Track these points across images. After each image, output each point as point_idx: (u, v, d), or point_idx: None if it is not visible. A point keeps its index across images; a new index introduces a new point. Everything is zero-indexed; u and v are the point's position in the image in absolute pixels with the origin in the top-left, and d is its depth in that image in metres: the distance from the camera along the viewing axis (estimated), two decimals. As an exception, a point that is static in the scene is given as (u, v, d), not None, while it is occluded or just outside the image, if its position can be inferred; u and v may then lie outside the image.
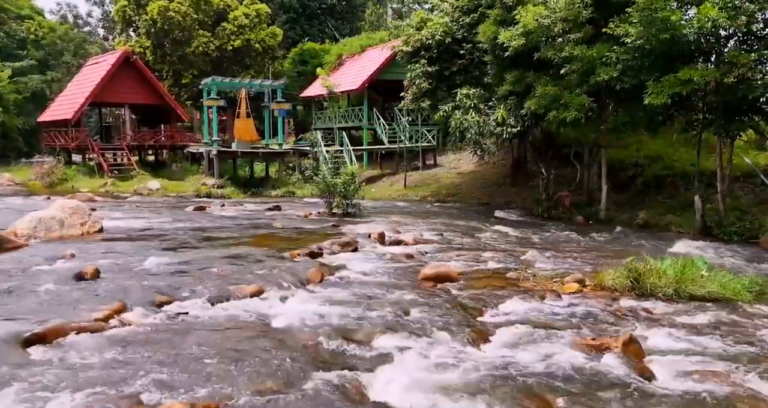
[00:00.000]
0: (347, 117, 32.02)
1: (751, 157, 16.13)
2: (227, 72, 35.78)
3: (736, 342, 6.47)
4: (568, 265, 10.39)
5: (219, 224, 15.12)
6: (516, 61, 16.72)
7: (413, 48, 22.60)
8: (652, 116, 14.50)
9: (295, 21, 45.40)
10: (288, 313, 7.15)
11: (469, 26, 20.83)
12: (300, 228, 14.63)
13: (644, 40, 13.26)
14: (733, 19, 12.42)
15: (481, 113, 18.19)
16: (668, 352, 6.21)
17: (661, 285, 8.20)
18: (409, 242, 12.28)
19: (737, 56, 12.70)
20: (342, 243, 11.48)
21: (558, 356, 5.97)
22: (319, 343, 6.15)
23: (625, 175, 18.05)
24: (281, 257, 10.36)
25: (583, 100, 14.97)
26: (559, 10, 15.08)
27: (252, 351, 5.83)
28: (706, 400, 5.12)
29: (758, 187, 15.07)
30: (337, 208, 17.64)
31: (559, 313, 7.47)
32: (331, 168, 21.24)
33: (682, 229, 14.31)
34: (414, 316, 7.21)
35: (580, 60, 14.75)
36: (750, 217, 13.50)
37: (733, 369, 5.74)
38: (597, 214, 16.59)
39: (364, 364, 5.68)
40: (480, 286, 8.77)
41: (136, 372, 5.20)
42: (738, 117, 13.52)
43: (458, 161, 26.67)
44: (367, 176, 27.21)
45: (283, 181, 28.85)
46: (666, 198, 16.37)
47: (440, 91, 21.99)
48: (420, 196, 23.37)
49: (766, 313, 7.63)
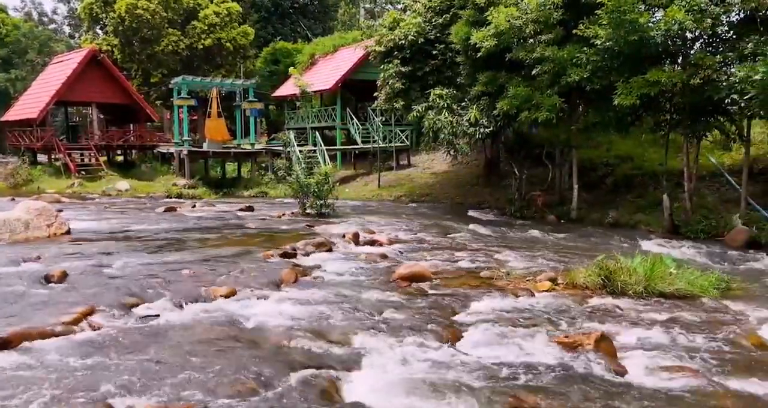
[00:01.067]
0: (320, 117, 31.90)
1: (717, 157, 16.51)
2: (198, 71, 35.35)
3: (704, 337, 6.61)
4: (540, 263, 10.50)
5: (190, 225, 14.91)
6: (488, 61, 16.83)
7: (386, 48, 22.61)
8: (621, 117, 14.74)
9: (267, 20, 45.06)
10: (261, 314, 7.07)
11: (442, 27, 20.91)
12: (273, 228, 14.51)
13: (613, 42, 13.47)
14: (698, 22, 12.69)
15: (454, 113, 18.27)
16: (639, 348, 6.31)
17: (631, 283, 8.33)
18: (383, 242, 12.28)
19: (703, 58, 12.98)
20: (316, 243, 11.41)
21: (532, 354, 6.02)
22: (293, 344, 6.10)
23: (595, 174, 18.32)
24: (254, 258, 10.25)
25: (555, 100, 15.15)
26: (531, 12, 15.23)
27: (225, 353, 5.76)
28: (676, 395, 5.21)
29: (723, 186, 15.44)
30: (310, 208, 17.54)
31: (532, 311, 7.53)
32: (305, 168, 21.09)
33: (651, 227, 14.58)
34: (389, 315, 7.20)
35: (551, 61, 14.92)
36: (716, 216, 13.81)
37: (702, 364, 5.86)
38: (569, 213, 16.80)
39: (339, 364, 5.65)
40: (454, 285, 8.81)
41: (106, 376, 5.09)
42: (704, 118, 13.82)
43: (432, 161, 26.76)
44: (341, 176, 27.13)
45: (256, 181, 28.60)
46: (635, 197, 16.65)
47: (413, 91, 22.03)
48: (394, 196, 23.39)
49: (731, 308, 7.81)
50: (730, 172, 15.32)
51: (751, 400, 5.15)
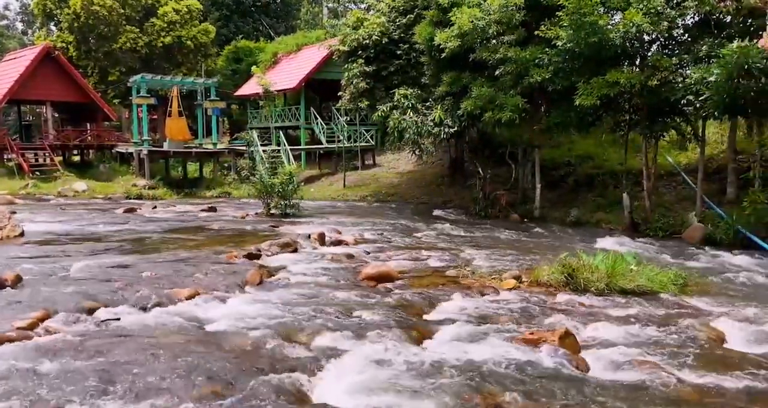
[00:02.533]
0: (284, 116, 31.63)
1: (674, 156, 16.97)
2: (158, 69, 34.62)
3: (664, 332, 6.76)
4: (505, 262, 10.60)
5: (151, 226, 14.59)
6: (452, 62, 16.94)
7: (350, 47, 22.56)
8: (582, 117, 15.01)
9: (228, 18, 44.45)
10: (226, 316, 6.96)
11: (406, 27, 20.98)
12: (237, 229, 14.32)
13: (574, 43, 13.71)
14: (655, 25, 13.03)
15: (418, 113, 18.33)
16: (602, 343, 6.43)
17: (593, 280, 8.48)
18: (349, 242, 12.23)
19: (659, 60, 13.33)
20: (281, 244, 11.30)
21: (497, 351, 6.07)
22: (259, 347, 6.01)
23: (557, 174, 18.62)
24: (218, 259, 10.10)
25: (517, 101, 15.33)
26: (493, 13, 15.38)
27: (188, 357, 5.63)
28: (637, 389, 5.32)
29: (680, 185, 15.87)
30: (275, 208, 17.37)
31: (497, 309, 7.60)
32: (268, 168, 20.90)
33: (612, 225, 14.90)
34: (355, 316, 7.17)
35: (513, 62, 15.10)
36: (673, 214, 14.20)
37: (662, 358, 5.99)
38: (532, 212, 17.04)
39: (306, 366, 5.60)
40: (421, 284, 8.83)
41: (64, 382, 4.92)
42: (661, 118, 14.18)
43: (397, 161, 26.81)
44: (306, 176, 26.97)
45: (219, 181, 28.22)
46: (596, 196, 16.99)
47: (378, 91, 22.04)
48: (359, 195, 23.35)
49: (690, 304, 8.02)
50: (687, 171, 15.77)
51: (709, 392, 5.29)
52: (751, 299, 8.37)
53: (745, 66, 10.82)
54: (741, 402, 5.10)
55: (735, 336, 6.76)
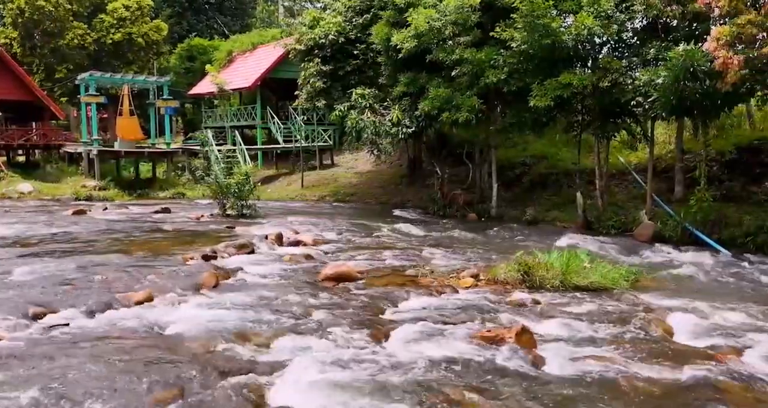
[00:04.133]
0: (240, 115, 31.20)
1: (624, 156, 17.44)
2: (107, 67, 33.62)
3: (617, 327, 6.95)
4: (463, 260, 10.72)
5: (102, 228, 14.17)
6: (409, 62, 17.01)
7: (306, 47, 22.41)
8: (536, 118, 15.28)
9: (181, 15, 43.56)
10: (181, 320, 6.83)
11: (363, 27, 20.95)
12: (192, 231, 14.06)
13: (528, 45, 13.95)
14: (606, 28, 13.38)
15: (376, 113, 18.34)
16: (557, 339, 6.56)
17: (549, 277, 8.67)
18: (308, 243, 12.15)
19: (610, 62, 13.69)
20: (237, 245, 11.15)
21: (456, 349, 6.13)
22: (215, 350, 5.92)
23: (513, 173, 18.91)
24: (172, 262, 9.91)
25: (474, 101, 15.51)
26: (449, 14, 15.51)
27: (142, 362, 5.49)
28: (591, 384, 5.45)
29: (631, 183, 16.33)
30: (231, 209, 17.11)
31: (456, 308, 7.67)
32: (224, 168, 20.57)
33: (566, 223, 15.21)
34: (314, 317, 7.13)
35: (469, 63, 15.26)
36: (625, 212, 14.59)
37: (615, 353, 6.15)
38: (489, 211, 17.26)
39: (264, 368, 5.55)
40: (380, 284, 8.84)
41: (10, 391, 4.71)
42: (612, 119, 14.56)
43: (356, 161, 26.76)
44: (263, 176, 26.66)
45: (172, 182, 27.64)
46: (551, 195, 17.33)
47: (335, 90, 21.96)
48: (318, 195, 23.21)
49: (641, 299, 8.26)
50: (637, 170, 16.22)
51: (661, 385, 5.45)
52: (697, 294, 8.68)
53: (690, 69, 11.21)
54: (689, 393, 5.28)
55: (683, 330, 6.99)
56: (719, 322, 7.24)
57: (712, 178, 13.96)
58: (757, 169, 14.11)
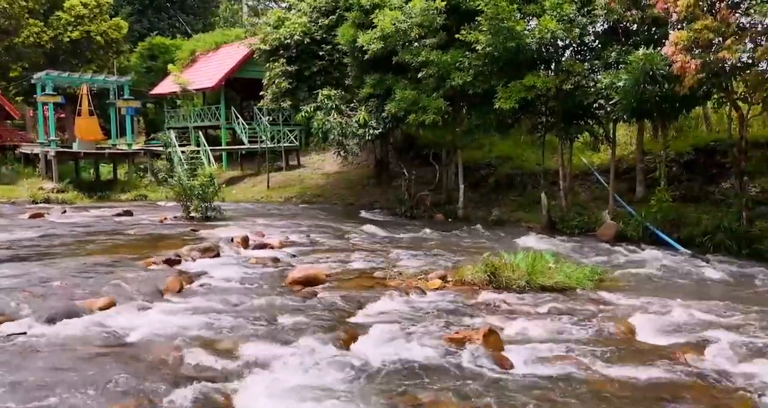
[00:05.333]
0: (203, 116, 30.74)
1: (587, 157, 17.76)
2: (65, 66, 32.72)
3: (582, 327, 7.06)
4: (431, 262, 10.75)
5: (61, 232, 13.76)
6: (375, 63, 17.00)
7: (271, 47, 22.22)
8: (501, 119, 15.45)
9: (142, 13, 42.68)
10: (144, 326, 6.69)
11: (328, 27, 20.88)
12: (155, 234, 13.78)
13: (493, 48, 14.09)
14: (568, 31, 13.61)
15: (343, 115, 18.28)
16: (524, 340, 6.63)
17: (515, 278, 8.76)
18: (274, 245, 12.02)
19: (573, 65, 13.93)
20: (202, 249, 10.97)
21: (424, 352, 6.14)
22: (180, 357, 5.81)
23: (479, 174, 19.08)
24: (134, 266, 9.68)
25: (440, 103, 15.59)
26: (415, 16, 15.56)
27: (104, 370, 5.36)
28: (557, 384, 5.52)
29: (594, 184, 16.64)
30: (195, 211, 16.83)
31: (424, 309, 7.69)
32: (187, 169, 20.23)
33: (531, 224, 15.41)
34: (282, 321, 7.06)
35: (435, 65, 15.34)
36: (588, 212, 14.85)
37: (580, 352, 6.24)
38: (456, 212, 17.37)
39: (231, 375, 5.48)
40: (348, 286, 8.81)
41: (-39, 407, 4.53)
42: (575, 121, 14.81)
43: (322, 162, 26.62)
44: (228, 177, 26.32)
45: (134, 183, 27.07)
46: (516, 196, 17.54)
47: (301, 91, 21.83)
48: (284, 197, 23.01)
49: (604, 299, 8.42)
50: (600, 171, 16.53)
51: (624, 384, 5.56)
52: (658, 292, 8.89)
53: (650, 72, 11.48)
54: (652, 392, 5.39)
55: (645, 328, 7.13)
56: (680, 320, 7.42)
57: (671, 179, 14.33)
58: (713, 170, 14.54)
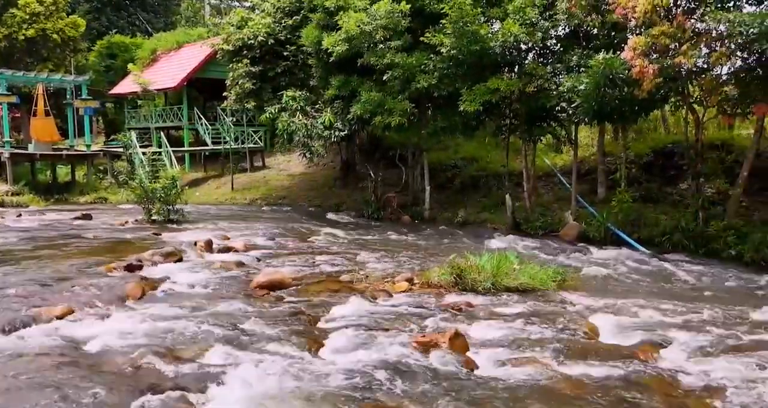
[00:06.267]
0: (165, 116, 30.17)
1: (550, 158, 18.04)
2: (19, 64, 31.70)
3: (546, 328, 7.16)
4: (398, 264, 10.76)
5: (16, 237, 13.31)
6: (340, 65, 16.94)
7: (234, 47, 21.95)
8: (466, 121, 15.56)
9: (100, 11, 41.64)
10: (104, 334, 6.54)
11: (293, 28, 20.72)
12: (115, 238, 13.45)
13: (457, 51, 14.19)
14: (531, 35, 13.80)
15: (308, 116, 18.16)
16: (489, 342, 6.70)
17: (480, 280, 8.83)
18: (239, 249, 11.87)
19: (535, 68, 14.13)
20: (164, 253, 10.76)
21: (390, 356, 6.15)
22: (142, 365, 5.70)
23: (445, 175, 19.18)
24: (94, 272, 9.44)
25: (405, 105, 15.63)
26: (380, 18, 15.56)
27: (62, 381, 5.21)
28: (522, 385, 5.59)
29: (557, 185, 16.90)
30: (157, 214, 16.49)
31: (391, 313, 7.69)
32: (149, 171, 19.82)
33: (496, 225, 15.56)
34: (247, 327, 6.97)
35: (400, 67, 15.37)
36: (551, 213, 15.07)
37: (545, 353, 6.34)
38: (422, 213, 17.43)
39: (194, 383, 5.39)
40: (315, 290, 8.76)
41: None
42: (538, 123, 15.01)
43: (288, 163, 26.39)
44: (191, 179, 25.88)
45: (93, 186, 26.41)
46: (481, 197, 17.68)
47: (265, 92, 21.62)
48: (249, 199, 22.75)
49: (567, 300, 8.56)
50: (562, 172, 16.79)
51: (587, 384, 5.66)
52: (620, 292, 9.09)
53: (610, 76, 11.72)
54: (614, 391, 5.50)
55: (607, 328, 7.29)
56: (640, 320, 7.59)
57: (631, 180, 14.66)
58: (671, 171, 14.92)
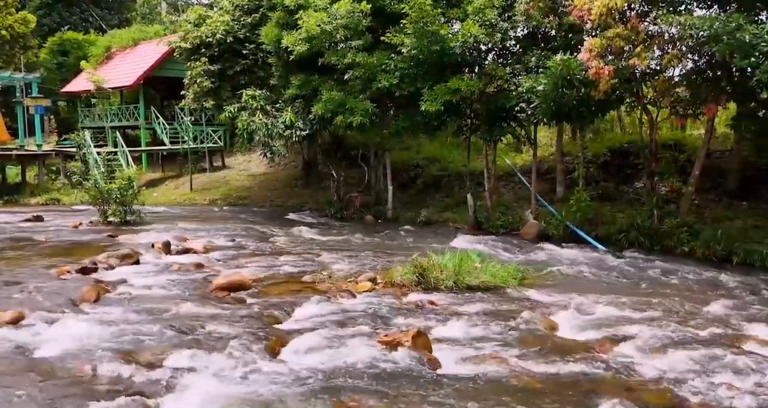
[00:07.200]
0: (121, 115, 29.43)
1: (511, 158, 18.27)
2: (-34, 61, 30.57)
3: (507, 325, 7.24)
4: (361, 264, 10.72)
5: (-39, 241, 12.79)
6: (301, 64, 16.79)
7: (192, 45, 21.57)
8: (428, 121, 15.62)
9: (51, 7, 40.34)
10: (57, 339, 6.38)
11: (252, 26, 20.49)
12: (69, 240, 13.07)
13: (418, 51, 14.25)
14: (490, 36, 13.95)
15: (268, 115, 17.95)
16: (452, 340, 6.75)
17: (443, 278, 8.90)
18: (198, 250, 11.66)
19: (495, 69, 14.28)
20: (121, 255, 10.50)
21: (354, 356, 6.14)
22: (97, 371, 5.58)
23: (407, 175, 19.24)
24: (46, 276, 9.18)
25: (367, 105, 15.60)
26: (340, 18, 15.49)
27: (12, 389, 5.03)
28: (485, 382, 5.65)
29: (517, 185, 17.12)
30: (113, 216, 16.06)
31: (354, 313, 7.67)
32: (104, 172, 19.29)
33: (458, 224, 15.68)
34: (207, 329, 6.87)
35: (362, 67, 15.33)
36: (512, 212, 15.26)
37: (505, 350, 6.42)
38: (385, 213, 17.44)
39: (153, 388, 5.30)
40: (276, 292, 8.67)
41: None
42: (499, 123, 15.17)
43: (248, 163, 26.06)
44: (148, 180, 25.29)
45: (45, 187, 25.61)
46: (444, 196, 17.80)
47: (224, 90, 21.31)
48: (209, 199, 22.37)
49: (528, 297, 8.68)
50: (522, 172, 17.02)
51: (547, 379, 5.76)
52: (579, 289, 9.26)
53: (567, 77, 11.93)
54: (573, 386, 5.60)
55: (566, 324, 7.44)
56: (598, 315, 7.75)
57: (589, 179, 14.96)
58: (627, 170, 15.30)
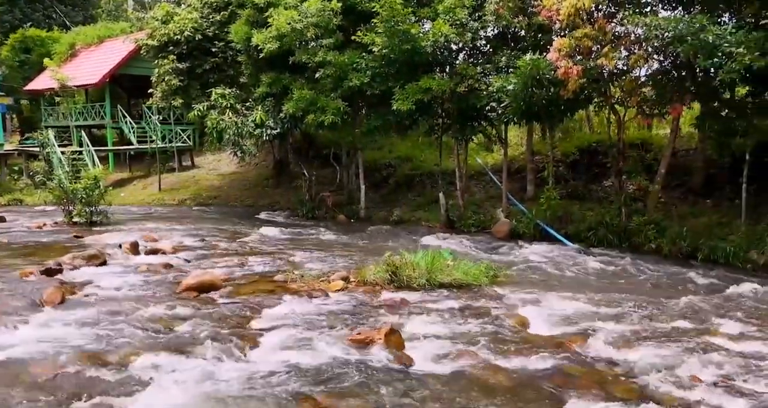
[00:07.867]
0: (86, 114, 28.78)
1: (482, 157, 18.39)
2: (-77, 58, 29.55)
3: (479, 322, 7.30)
4: (334, 263, 10.68)
5: None
6: (271, 62, 16.62)
7: (160, 42, 21.16)
8: (400, 120, 15.62)
9: (13, 3, 39.29)
10: (20, 342, 6.21)
11: (221, 24, 20.21)
12: (32, 241, 12.73)
13: (389, 50, 14.24)
14: (461, 35, 14.02)
15: (238, 114, 17.74)
16: (424, 337, 6.77)
17: (415, 276, 8.92)
18: (167, 251, 11.46)
19: (466, 68, 14.36)
20: (87, 256, 10.26)
21: (327, 354, 6.13)
22: (63, 374, 5.45)
23: (380, 174, 19.22)
24: (8, 277, 8.95)
25: (338, 104, 15.52)
26: (311, 16, 15.38)
27: (-27, 396, 4.84)
28: (457, 378, 5.70)
29: (488, 183, 17.24)
30: (78, 216, 15.69)
31: (326, 312, 7.64)
32: (69, 171, 18.83)
33: (431, 223, 15.72)
34: (176, 330, 6.78)
35: (333, 65, 15.25)
36: (483, 211, 15.38)
37: (477, 347, 6.47)
38: (357, 212, 17.39)
39: (121, 390, 5.22)
40: (247, 291, 8.58)
41: None
42: (470, 123, 15.25)
43: (218, 162, 25.75)
44: (115, 180, 24.80)
45: (7, 187, 24.92)
46: (416, 195, 17.82)
47: (193, 89, 20.95)
48: (178, 199, 22.03)
49: (499, 294, 8.75)
50: (493, 171, 17.14)
51: (518, 375, 5.83)
52: (549, 285, 9.39)
53: (537, 77, 12.05)
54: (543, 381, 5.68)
55: (537, 321, 7.52)
56: (568, 312, 7.86)
57: (558, 178, 15.15)
58: (596, 169, 15.53)
